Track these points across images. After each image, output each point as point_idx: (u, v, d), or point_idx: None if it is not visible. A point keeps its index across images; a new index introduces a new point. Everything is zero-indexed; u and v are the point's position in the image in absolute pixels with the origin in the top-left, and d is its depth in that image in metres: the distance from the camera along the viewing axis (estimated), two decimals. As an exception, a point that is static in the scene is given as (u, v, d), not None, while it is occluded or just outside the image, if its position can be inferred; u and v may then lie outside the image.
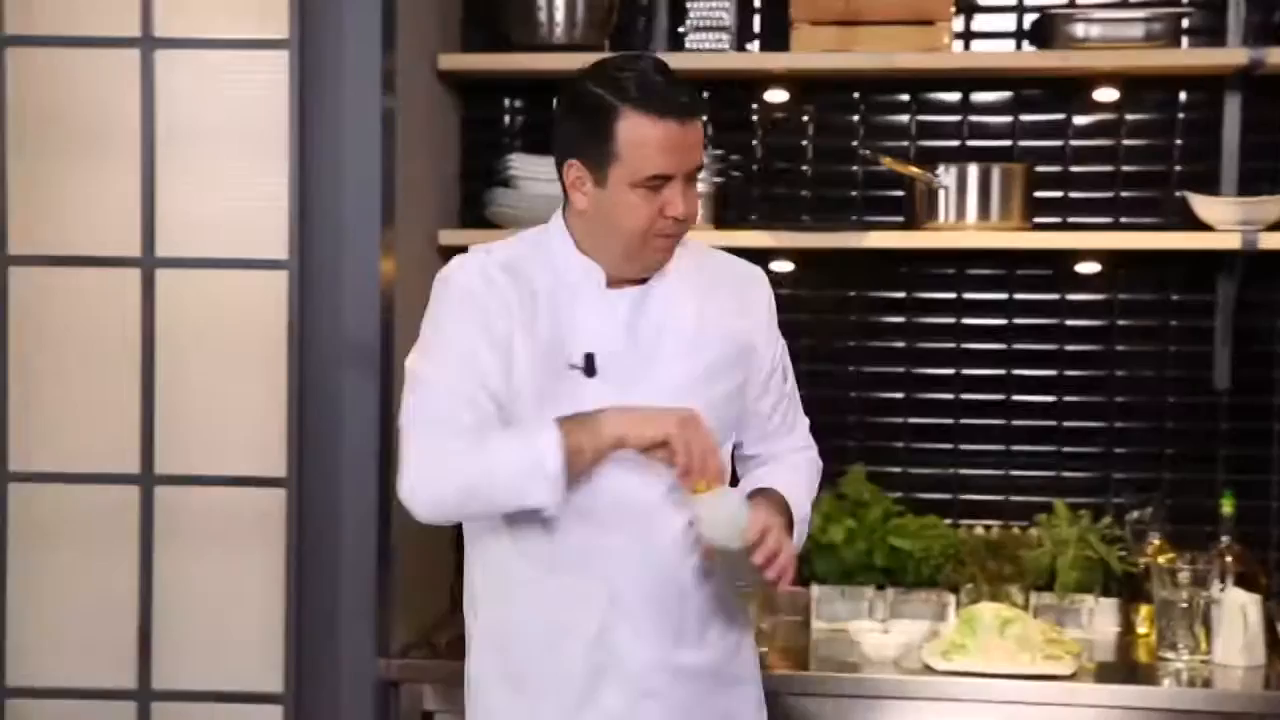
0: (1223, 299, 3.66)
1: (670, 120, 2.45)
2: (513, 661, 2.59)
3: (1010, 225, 3.55)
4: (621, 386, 2.52)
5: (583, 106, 2.50)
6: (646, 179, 2.46)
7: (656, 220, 2.49)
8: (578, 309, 2.55)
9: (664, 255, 2.56)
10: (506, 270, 2.55)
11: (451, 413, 2.47)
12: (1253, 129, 3.63)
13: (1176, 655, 3.33)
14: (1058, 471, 3.76)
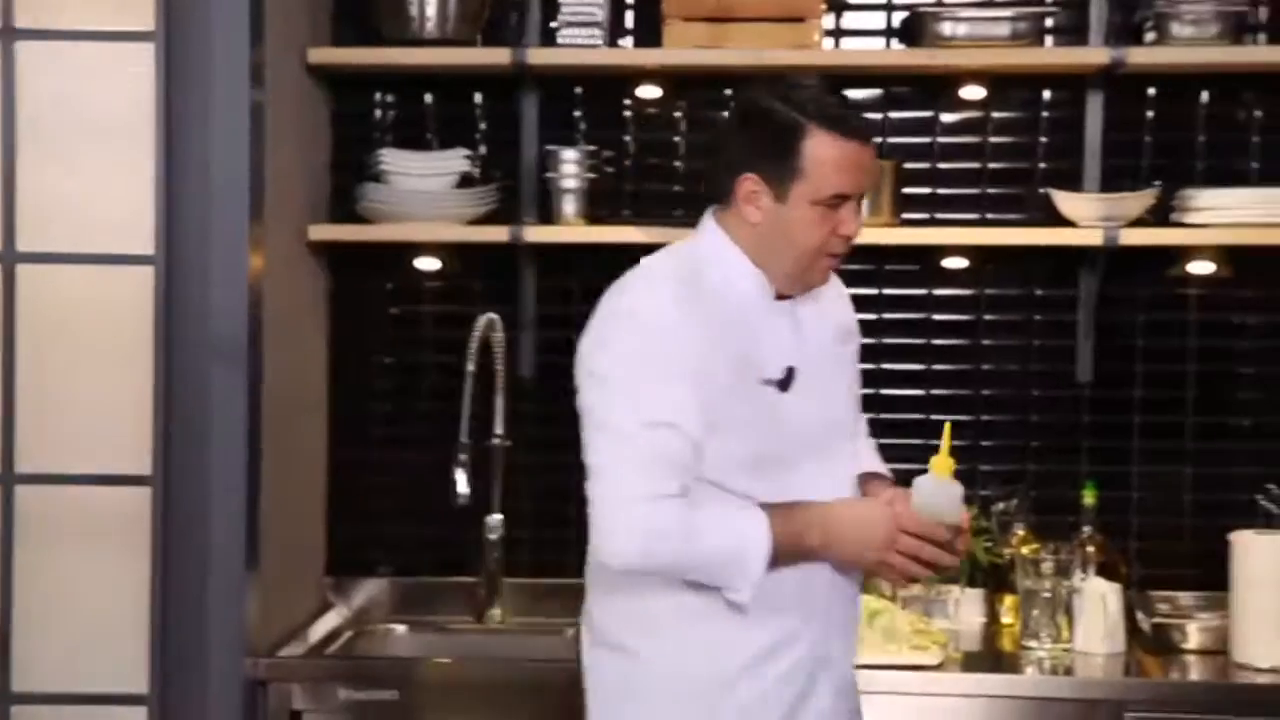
0: (1085, 294, 3.73)
1: (855, 141, 2.49)
2: (722, 674, 2.53)
3: (879, 221, 3.59)
4: (805, 398, 2.54)
5: (766, 122, 2.50)
6: (828, 197, 2.49)
7: (829, 239, 2.52)
8: (757, 324, 2.54)
9: (825, 275, 2.60)
10: (690, 292, 2.50)
11: (654, 471, 2.41)
12: (1114, 127, 3.70)
13: (1040, 644, 3.40)
14: (925, 464, 3.79)
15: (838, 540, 2.49)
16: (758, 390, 2.51)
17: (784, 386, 2.53)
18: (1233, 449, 3.74)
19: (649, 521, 2.40)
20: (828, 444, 2.59)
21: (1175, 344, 3.76)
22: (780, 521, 2.45)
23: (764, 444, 2.51)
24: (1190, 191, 3.56)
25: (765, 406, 2.51)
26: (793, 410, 2.53)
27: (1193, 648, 3.40)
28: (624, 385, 2.45)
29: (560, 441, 3.80)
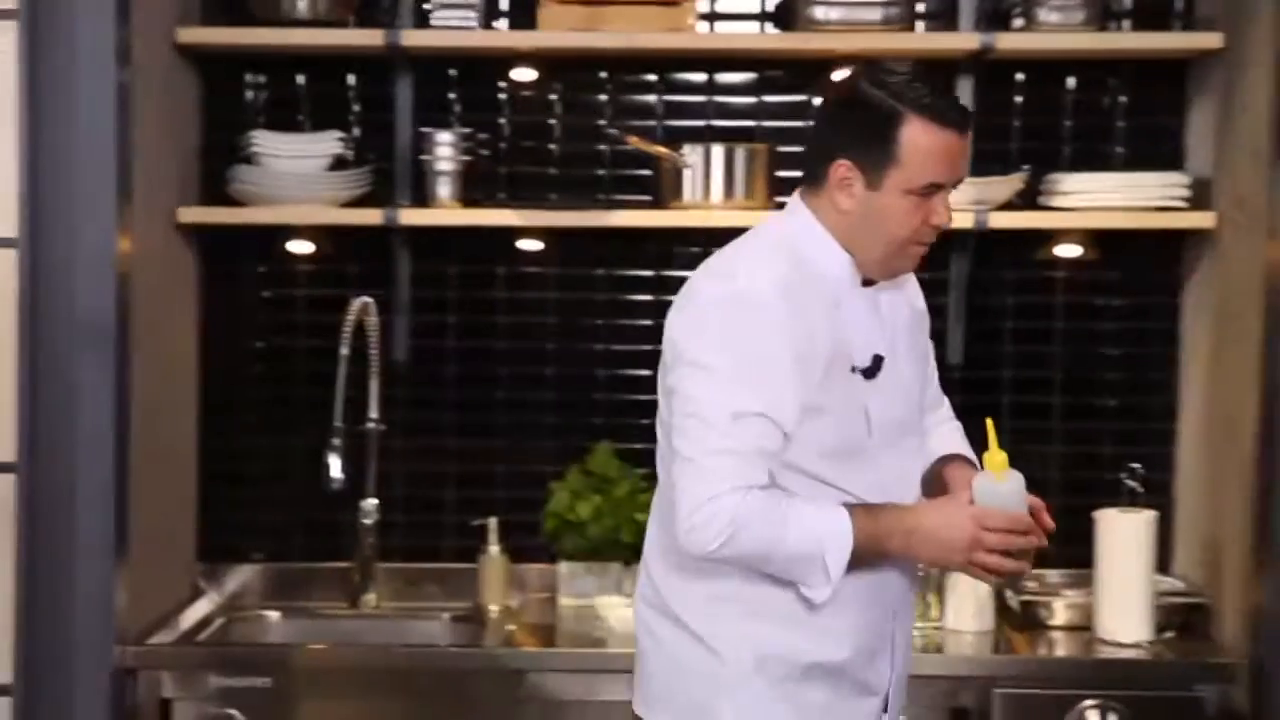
0: (956, 276, 3.77)
1: (951, 130, 2.45)
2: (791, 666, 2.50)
3: (754, 204, 3.61)
4: (887, 386, 2.53)
5: (861, 108, 2.46)
6: (922, 186, 2.45)
7: (921, 228, 2.49)
8: (848, 310, 2.52)
9: (913, 263, 2.57)
10: (792, 277, 2.46)
11: (741, 463, 2.39)
12: (984, 111, 3.74)
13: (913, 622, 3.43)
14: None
15: (921, 544, 2.45)
16: (847, 378, 2.48)
17: (870, 375, 2.51)
18: (1098, 429, 3.81)
19: (733, 512, 2.37)
20: (905, 431, 2.58)
21: (1043, 326, 3.82)
22: (864, 523, 2.42)
23: (849, 432, 2.49)
24: (1057, 176, 3.62)
25: (854, 394, 2.49)
26: (876, 399, 2.51)
27: (1059, 624, 3.46)
28: (719, 375, 2.41)
29: (435, 425, 3.83)
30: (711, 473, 2.39)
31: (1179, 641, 3.37)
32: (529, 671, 3.27)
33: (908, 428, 2.60)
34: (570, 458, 3.74)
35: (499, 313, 3.84)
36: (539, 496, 3.70)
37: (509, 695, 3.26)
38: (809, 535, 2.40)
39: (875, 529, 2.43)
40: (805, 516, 2.41)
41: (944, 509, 2.48)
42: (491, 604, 3.61)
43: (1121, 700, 3.20)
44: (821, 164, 2.50)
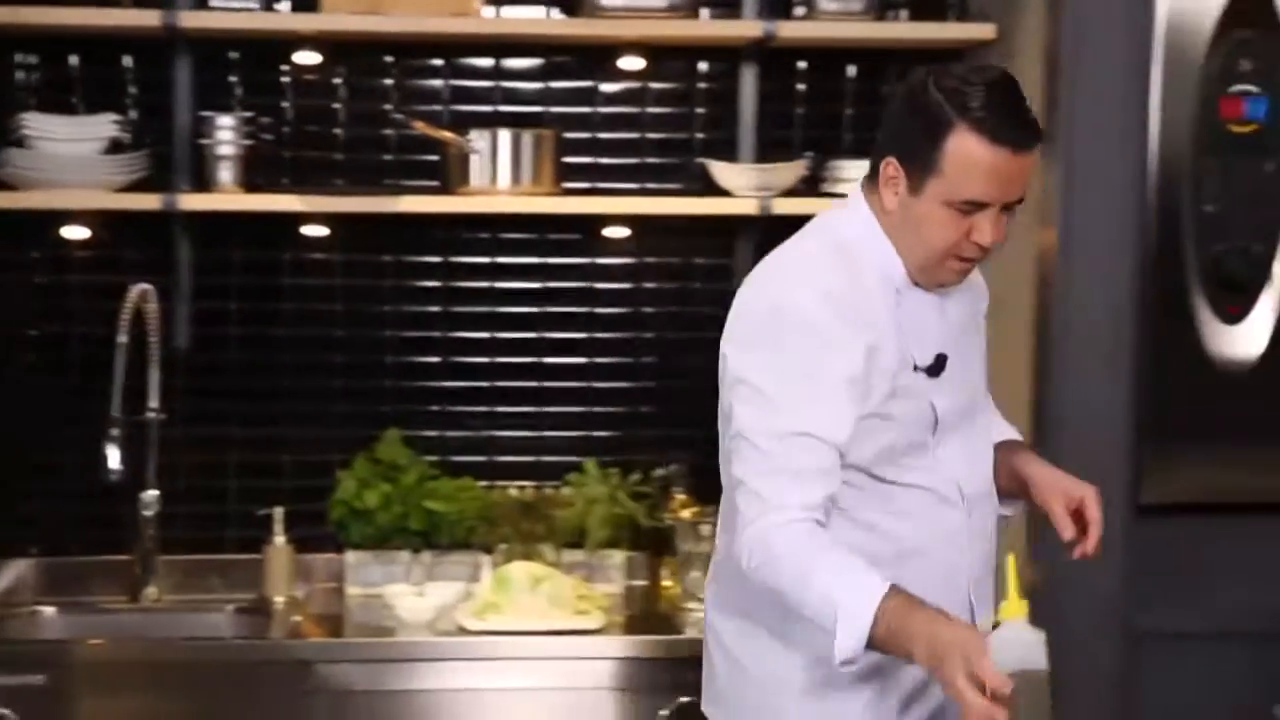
0: (740, 262, 3.81)
1: (1004, 147, 2.29)
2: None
3: (542, 190, 3.61)
4: (951, 382, 2.45)
5: (918, 108, 2.34)
6: (962, 201, 2.32)
7: (961, 243, 2.36)
8: (906, 308, 2.43)
9: (956, 278, 2.45)
10: (844, 283, 2.37)
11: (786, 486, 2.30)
12: (768, 99, 3.79)
13: (699, 604, 3.46)
14: (588, 431, 3.85)
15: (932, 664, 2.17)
16: (911, 378, 2.41)
17: (934, 373, 2.43)
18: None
19: (767, 543, 2.29)
20: (970, 423, 2.52)
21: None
22: (894, 616, 2.19)
23: (914, 432, 2.43)
24: (839, 163, 3.67)
25: (919, 394, 2.42)
26: (941, 395, 2.44)
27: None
28: (764, 394, 2.35)
29: (217, 415, 3.76)
30: (757, 495, 2.32)
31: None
32: (316, 662, 3.23)
33: (975, 414, 2.54)
34: (358, 446, 3.70)
35: (284, 299, 3.78)
36: (325, 485, 3.66)
37: (296, 687, 3.22)
38: (826, 601, 2.24)
39: (901, 612, 2.20)
40: (831, 581, 2.24)
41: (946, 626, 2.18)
42: (277, 595, 3.55)
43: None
44: (876, 158, 2.41)
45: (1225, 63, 3.12)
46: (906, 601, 2.21)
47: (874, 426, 2.38)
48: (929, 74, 2.36)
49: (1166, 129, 3.13)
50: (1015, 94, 2.34)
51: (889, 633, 2.20)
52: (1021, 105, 2.34)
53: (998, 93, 2.31)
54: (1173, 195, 3.15)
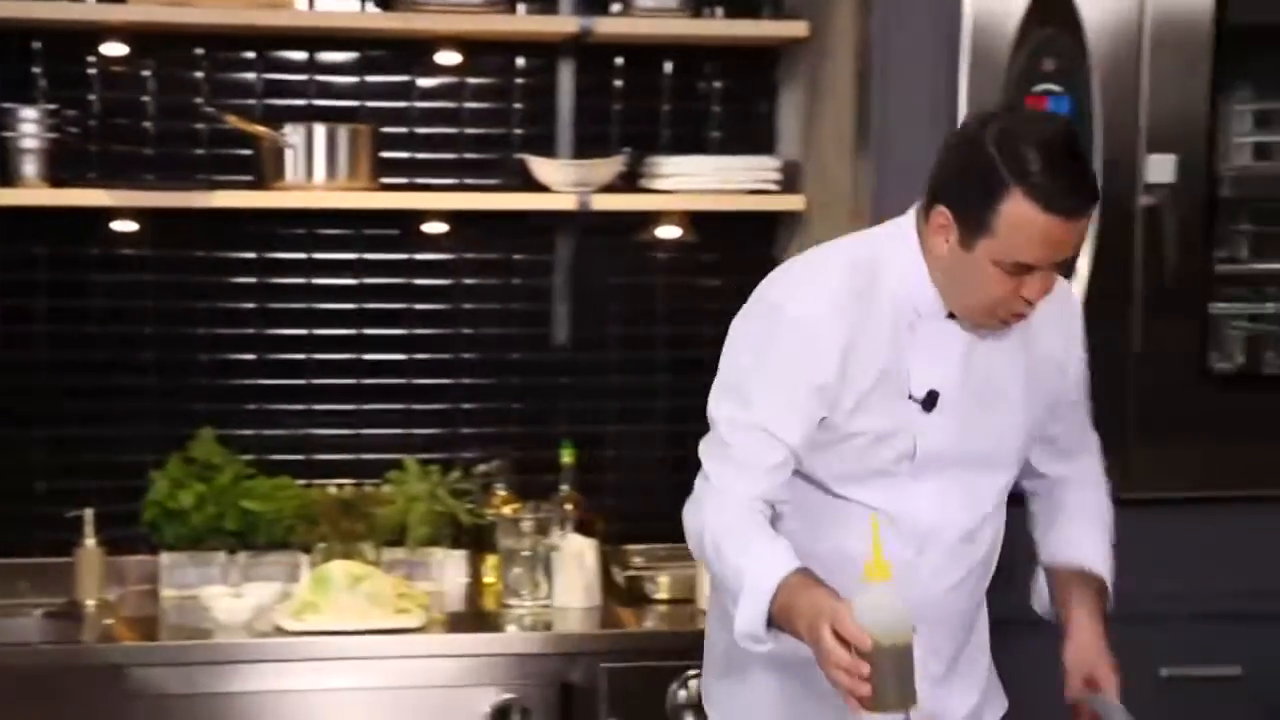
0: (561, 257, 3.82)
1: (1058, 217, 2.25)
2: None
3: (358, 185, 3.57)
4: (949, 422, 2.43)
5: (973, 163, 2.29)
6: (1012, 264, 2.29)
7: (1010, 297, 2.34)
8: (920, 337, 2.41)
9: (1003, 327, 2.42)
10: (855, 295, 2.38)
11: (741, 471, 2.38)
12: (586, 94, 3.80)
13: (521, 601, 3.47)
14: (408, 429, 3.83)
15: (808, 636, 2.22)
16: (901, 404, 2.41)
17: (927, 407, 2.42)
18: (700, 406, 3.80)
19: (701, 522, 2.38)
20: (960, 470, 2.47)
21: (646, 306, 3.90)
22: (789, 592, 2.25)
23: (887, 458, 2.43)
24: (656, 159, 3.69)
25: (904, 421, 2.42)
26: (931, 431, 2.43)
27: (664, 597, 3.54)
28: (737, 384, 2.41)
29: (24, 414, 3.66)
30: (704, 476, 2.42)
31: (776, 609, 3.50)
32: (130, 667, 3.17)
33: (971, 464, 2.48)
34: (171, 445, 3.63)
35: (93, 296, 3.69)
36: (138, 486, 3.58)
37: (110, 692, 3.15)
38: (736, 574, 2.31)
39: (792, 601, 2.24)
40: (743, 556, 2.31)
41: (827, 599, 2.22)
42: (88, 598, 3.47)
43: (723, 668, 3.30)
44: (929, 200, 2.38)
45: (1029, 61, 3.19)
46: (806, 581, 2.26)
47: (843, 444, 2.41)
48: (986, 123, 2.31)
49: (974, 126, 3.20)
50: (1073, 153, 2.30)
51: (782, 610, 2.25)
52: (1079, 166, 2.30)
53: (1055, 154, 2.25)
54: (981, 191, 3.21)
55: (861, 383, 2.39)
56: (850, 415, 2.40)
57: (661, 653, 3.31)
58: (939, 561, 2.49)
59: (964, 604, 2.54)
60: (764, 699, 2.57)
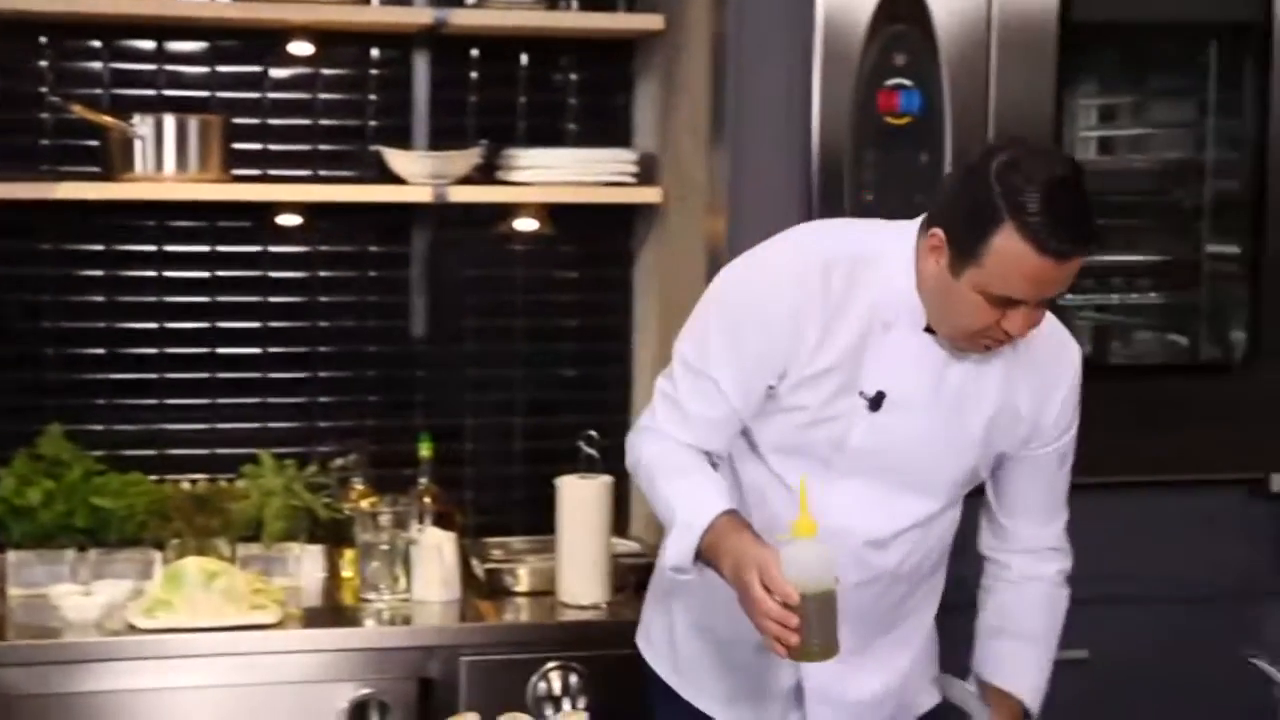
0: (418, 250, 3.80)
1: (1049, 258, 2.24)
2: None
3: (210, 177, 3.52)
4: (892, 427, 2.46)
5: (973, 193, 2.29)
6: (997, 296, 2.30)
7: (992, 327, 2.35)
8: (890, 340, 2.44)
9: (980, 352, 2.44)
10: (828, 279, 2.42)
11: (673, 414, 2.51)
12: (441, 86, 3.78)
13: (379, 595, 3.45)
14: (263, 423, 3.79)
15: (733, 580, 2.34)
16: (849, 396, 2.45)
17: (874, 406, 2.45)
18: (557, 399, 3.92)
19: (639, 451, 2.54)
20: (887, 480, 2.51)
21: (504, 299, 3.89)
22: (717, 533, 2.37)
23: (820, 442, 2.48)
24: (513, 151, 3.69)
25: (846, 412, 2.46)
26: (871, 430, 2.46)
27: (524, 590, 3.54)
28: (705, 326, 2.50)
29: None
30: (652, 410, 2.55)
31: (634, 600, 3.51)
32: (-25, 668, 3.11)
33: (903, 476, 2.51)
34: (18, 442, 3.56)
35: (-66, 290, 3.62)
36: (-17, 484, 3.51)
37: (-45, 696, 3.09)
38: (669, 509, 2.45)
39: (720, 541, 2.36)
40: (677, 491, 2.45)
41: (753, 546, 2.34)
42: (-69, 600, 3.40)
43: (582, 660, 3.31)
44: (929, 220, 2.40)
45: (880, 56, 3.23)
46: (734, 523, 2.38)
47: (782, 415, 2.48)
48: (995, 153, 2.31)
49: (827, 120, 3.23)
50: (1075, 197, 2.28)
51: (709, 548, 2.38)
52: (1079, 211, 2.28)
53: (1057, 195, 2.25)
54: (834, 185, 3.25)
55: (813, 365, 2.44)
56: (793, 390, 2.46)
57: (522, 645, 3.32)
58: (841, 559, 2.50)
59: (871, 604, 2.58)
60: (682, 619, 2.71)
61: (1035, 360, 2.52)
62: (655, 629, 2.79)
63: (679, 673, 2.73)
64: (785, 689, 2.63)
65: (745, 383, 2.47)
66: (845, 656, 2.46)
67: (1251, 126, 3.45)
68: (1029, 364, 2.52)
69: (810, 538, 2.28)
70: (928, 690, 2.72)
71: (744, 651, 2.61)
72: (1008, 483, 2.64)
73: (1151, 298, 3.66)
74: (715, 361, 2.48)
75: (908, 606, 2.65)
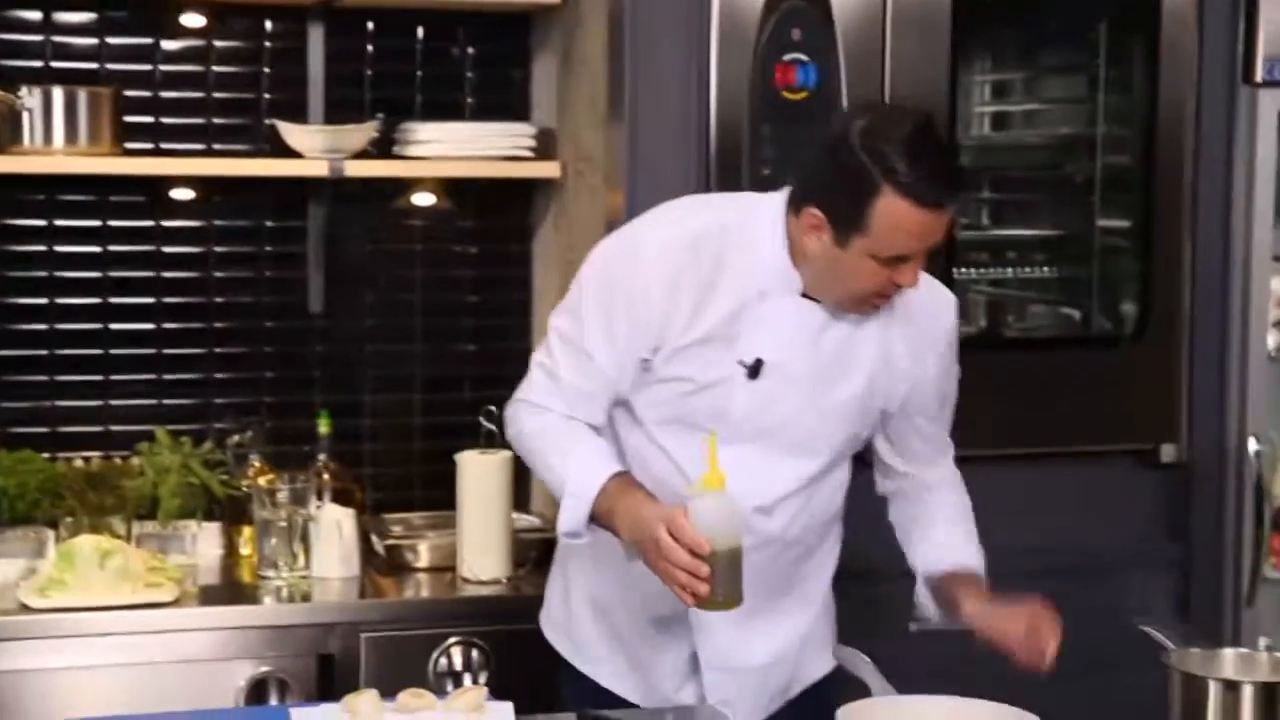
0: (314, 225, 3.77)
1: (929, 210, 2.32)
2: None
3: (100, 150, 3.47)
4: (777, 394, 2.49)
5: (842, 166, 2.34)
6: (889, 257, 2.36)
7: (884, 285, 2.41)
8: (765, 309, 2.47)
9: (874, 312, 2.49)
10: (696, 253, 2.45)
11: (557, 386, 2.54)
12: (336, 59, 3.75)
13: (277, 573, 3.42)
14: (159, 399, 3.75)
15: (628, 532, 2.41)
16: (728, 365, 2.48)
17: (752, 374, 2.48)
18: (458, 374, 3.91)
19: (520, 423, 2.58)
20: (770, 444, 2.53)
21: (403, 274, 3.87)
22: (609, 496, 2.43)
23: (702, 411, 2.49)
24: (410, 125, 3.67)
25: (725, 380, 2.48)
26: (751, 398, 2.49)
27: (424, 566, 3.53)
28: (579, 299, 2.53)
29: None
30: (529, 382, 2.59)
31: (535, 575, 3.52)
32: None
33: (786, 439, 2.53)
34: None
35: None
36: None
37: None
38: (558, 478, 2.50)
39: (611, 504, 2.43)
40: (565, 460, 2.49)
41: (648, 504, 2.41)
42: None
43: (483, 635, 3.31)
44: (798, 199, 2.43)
45: (777, 31, 3.25)
46: (625, 484, 2.44)
47: (660, 386, 2.51)
48: (849, 123, 2.36)
49: (724, 95, 3.24)
50: (934, 143, 2.36)
51: (604, 513, 2.43)
52: (942, 157, 2.37)
53: (918, 148, 2.31)
54: (733, 159, 3.26)
55: (688, 334, 2.47)
56: (668, 360, 2.49)
57: (422, 620, 3.32)
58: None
59: (762, 570, 2.56)
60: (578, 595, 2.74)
61: (911, 317, 2.56)
62: (554, 607, 2.80)
63: (577, 649, 2.74)
64: (681, 660, 2.65)
65: (619, 356, 2.51)
66: (739, 620, 2.51)
67: (1141, 102, 3.51)
68: (905, 321, 2.56)
69: (719, 490, 2.32)
70: (821, 658, 2.74)
71: (638, 623, 2.64)
72: (894, 436, 2.68)
73: (1045, 271, 3.70)
74: (589, 335, 2.51)
75: (800, 573, 2.68)
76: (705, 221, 2.51)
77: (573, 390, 2.55)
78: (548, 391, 2.57)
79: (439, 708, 2.35)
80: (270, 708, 3.12)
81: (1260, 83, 3.47)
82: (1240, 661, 2.41)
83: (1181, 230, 3.50)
